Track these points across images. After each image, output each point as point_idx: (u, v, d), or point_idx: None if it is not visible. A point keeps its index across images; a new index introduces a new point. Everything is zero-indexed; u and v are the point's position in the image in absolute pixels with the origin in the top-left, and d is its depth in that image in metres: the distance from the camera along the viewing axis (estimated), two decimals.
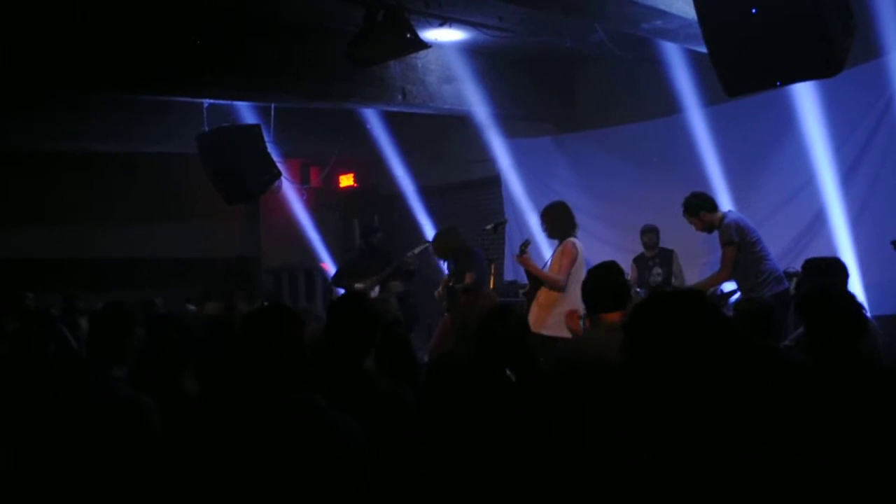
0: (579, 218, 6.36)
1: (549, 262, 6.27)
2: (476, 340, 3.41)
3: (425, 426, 2.93)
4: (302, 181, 11.92)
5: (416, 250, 8.08)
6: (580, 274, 5.95)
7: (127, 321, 3.33)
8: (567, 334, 5.62)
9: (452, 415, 2.81)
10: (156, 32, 6.67)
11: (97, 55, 6.52)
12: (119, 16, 6.49)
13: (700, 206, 6.30)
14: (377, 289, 8.07)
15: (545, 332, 5.84)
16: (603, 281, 3.67)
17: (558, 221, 6.23)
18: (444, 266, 7.72)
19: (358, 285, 8.03)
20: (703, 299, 1.67)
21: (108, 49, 6.52)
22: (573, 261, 6.02)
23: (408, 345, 3.83)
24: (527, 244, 6.36)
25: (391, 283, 8.03)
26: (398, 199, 11.22)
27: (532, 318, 5.97)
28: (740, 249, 6.06)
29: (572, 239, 6.12)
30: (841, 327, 3.02)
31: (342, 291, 8.13)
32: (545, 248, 7.53)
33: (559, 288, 6.00)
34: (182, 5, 6.73)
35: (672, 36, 6.75)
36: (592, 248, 8.07)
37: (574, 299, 5.73)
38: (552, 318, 5.92)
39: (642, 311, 1.66)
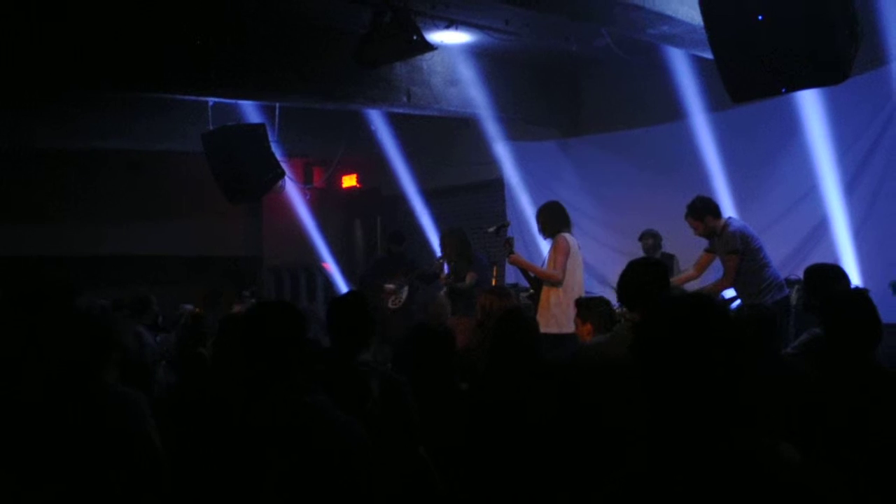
0: (583, 222, 6.40)
1: (545, 261, 6.34)
2: (490, 343, 3.41)
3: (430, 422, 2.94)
4: (305, 181, 11.93)
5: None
6: (575, 267, 6.17)
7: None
8: (572, 330, 5.63)
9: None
10: (162, 31, 6.68)
11: (102, 53, 6.53)
12: (125, 14, 6.50)
13: (706, 211, 6.30)
14: (406, 289, 8.75)
15: (550, 330, 5.87)
16: (631, 278, 3.55)
17: (550, 219, 6.34)
18: (446, 268, 7.75)
19: (389, 286, 8.73)
20: (714, 303, 1.68)
21: (113, 47, 6.53)
22: (566, 254, 6.12)
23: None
24: (511, 242, 6.45)
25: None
26: (401, 200, 11.20)
27: (539, 319, 5.99)
28: (743, 257, 6.06)
29: (563, 234, 6.21)
30: (864, 331, 3.02)
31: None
32: (544, 249, 7.52)
33: (556, 283, 6.10)
34: (189, 5, 6.74)
35: (678, 41, 6.75)
36: (595, 252, 8.06)
37: (573, 293, 5.90)
38: (555, 314, 6.00)
39: (653, 313, 1.68)
